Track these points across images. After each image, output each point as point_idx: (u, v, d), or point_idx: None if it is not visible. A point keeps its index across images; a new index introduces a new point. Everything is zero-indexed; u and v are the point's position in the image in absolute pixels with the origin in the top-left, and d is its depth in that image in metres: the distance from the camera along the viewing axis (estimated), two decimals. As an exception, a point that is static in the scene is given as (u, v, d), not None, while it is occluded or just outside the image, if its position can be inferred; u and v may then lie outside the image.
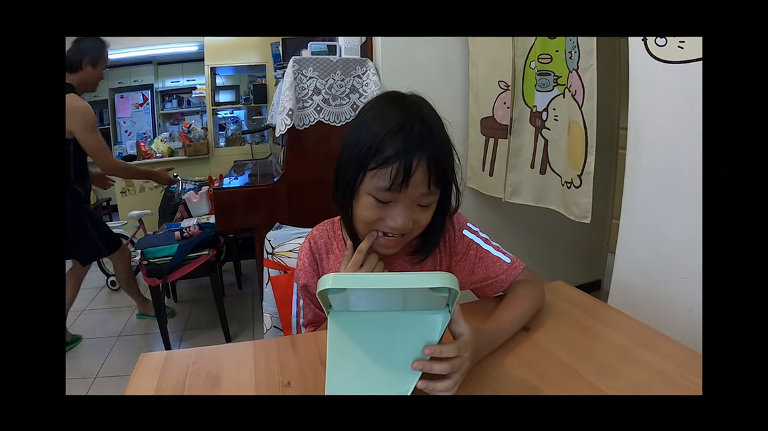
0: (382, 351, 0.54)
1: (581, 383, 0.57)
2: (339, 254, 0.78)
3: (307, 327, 0.85)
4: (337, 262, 0.77)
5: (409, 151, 0.59)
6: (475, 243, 0.79)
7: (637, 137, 1.08)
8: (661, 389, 0.55)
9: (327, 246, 0.79)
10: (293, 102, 1.78)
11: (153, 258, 2.11)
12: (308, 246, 0.80)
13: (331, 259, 0.78)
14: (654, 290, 1.06)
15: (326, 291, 0.49)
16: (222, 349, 0.72)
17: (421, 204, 0.64)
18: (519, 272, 0.76)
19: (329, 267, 0.78)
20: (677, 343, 0.64)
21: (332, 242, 0.79)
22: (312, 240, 0.80)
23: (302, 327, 0.86)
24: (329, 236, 0.80)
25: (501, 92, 1.75)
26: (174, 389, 0.60)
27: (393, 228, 0.64)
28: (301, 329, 0.87)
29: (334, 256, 0.78)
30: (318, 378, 0.60)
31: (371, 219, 0.65)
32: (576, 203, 1.42)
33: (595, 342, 0.68)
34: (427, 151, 0.61)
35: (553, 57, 1.49)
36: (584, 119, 1.34)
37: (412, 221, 0.64)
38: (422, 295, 0.51)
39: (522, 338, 0.68)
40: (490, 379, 0.59)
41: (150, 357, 0.68)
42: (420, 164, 0.60)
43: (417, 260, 0.75)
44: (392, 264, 0.77)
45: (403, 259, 0.77)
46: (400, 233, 0.65)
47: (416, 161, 0.60)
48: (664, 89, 0.99)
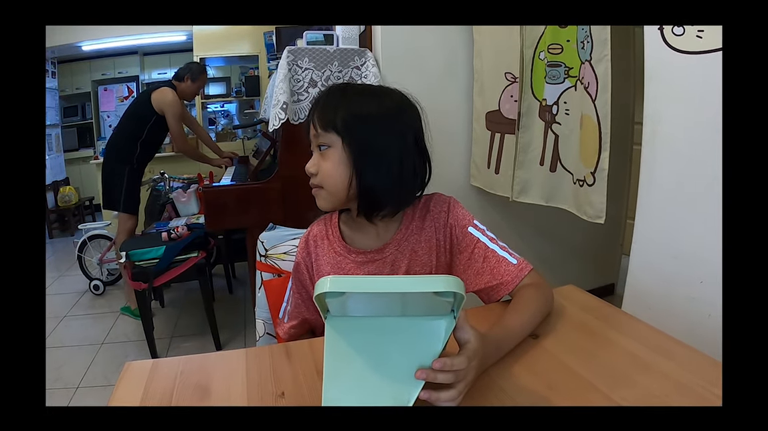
0: (382, 359, 0.54)
1: (593, 393, 0.57)
2: (333, 239, 0.83)
3: (288, 322, 0.88)
4: (331, 248, 0.82)
5: (317, 101, 0.75)
6: (481, 242, 0.80)
7: (653, 131, 1.08)
8: (679, 400, 0.55)
9: (322, 233, 0.85)
10: (288, 95, 1.78)
11: (139, 261, 2.11)
12: (305, 238, 0.87)
13: (325, 244, 0.83)
14: (671, 295, 1.06)
15: (324, 295, 0.49)
16: (212, 358, 0.72)
17: (321, 147, 0.74)
18: (526, 274, 0.77)
19: (322, 253, 0.83)
20: (696, 351, 0.64)
21: (328, 230, 0.85)
22: (309, 232, 0.87)
23: (285, 318, 0.89)
24: (325, 224, 0.86)
25: (508, 85, 1.75)
26: (161, 400, 0.60)
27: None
28: (282, 322, 0.90)
29: (328, 241, 0.83)
30: (314, 388, 0.60)
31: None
32: (589, 203, 1.42)
33: (608, 350, 0.68)
34: (319, 101, 0.74)
35: (564, 47, 1.49)
36: (598, 112, 1.34)
37: (317, 168, 0.75)
38: (426, 300, 0.50)
39: (530, 345, 0.68)
40: (496, 389, 0.59)
41: (135, 366, 0.68)
42: (316, 109, 0.74)
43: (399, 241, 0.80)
44: (385, 252, 0.80)
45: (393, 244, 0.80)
46: (312, 181, 0.76)
47: (313, 111, 0.74)
48: (682, 82, 0.99)
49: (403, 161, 0.73)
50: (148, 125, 2.58)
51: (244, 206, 1.95)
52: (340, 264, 0.81)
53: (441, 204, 0.83)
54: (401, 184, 0.74)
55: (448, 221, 0.81)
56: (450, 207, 0.82)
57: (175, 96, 2.58)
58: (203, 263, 2.20)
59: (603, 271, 2.45)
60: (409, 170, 0.74)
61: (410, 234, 0.81)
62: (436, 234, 0.81)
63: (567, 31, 1.46)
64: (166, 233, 2.20)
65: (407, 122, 0.75)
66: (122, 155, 2.61)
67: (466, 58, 1.93)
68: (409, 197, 0.78)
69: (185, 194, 2.78)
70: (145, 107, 2.55)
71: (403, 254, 0.80)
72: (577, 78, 1.45)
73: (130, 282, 2.10)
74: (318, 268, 0.84)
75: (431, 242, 0.81)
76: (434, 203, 0.83)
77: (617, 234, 2.40)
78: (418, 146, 0.75)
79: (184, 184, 3.00)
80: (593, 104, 1.35)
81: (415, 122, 0.76)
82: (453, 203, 0.83)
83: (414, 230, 0.81)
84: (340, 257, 0.81)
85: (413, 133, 0.75)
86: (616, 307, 0.80)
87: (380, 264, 0.80)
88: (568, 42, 1.47)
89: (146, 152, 2.67)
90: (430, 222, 0.81)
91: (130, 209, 2.66)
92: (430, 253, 0.81)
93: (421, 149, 0.76)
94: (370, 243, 0.81)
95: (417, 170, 0.76)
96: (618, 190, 2.13)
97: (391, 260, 0.80)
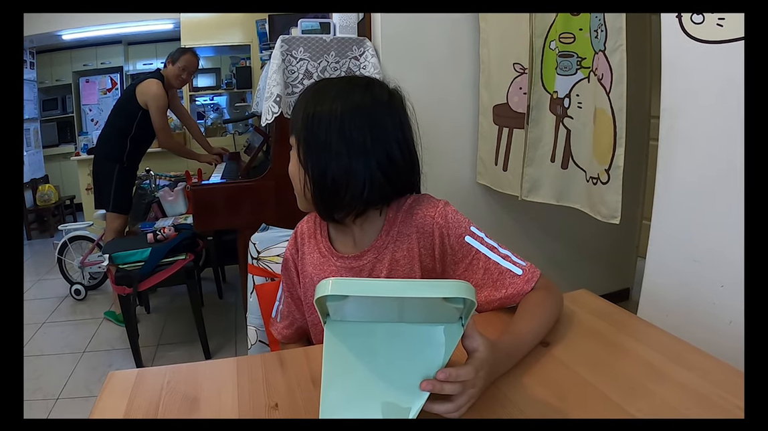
0: (385, 368, 0.53)
1: (607, 405, 0.57)
2: (320, 238, 0.84)
3: (281, 322, 0.91)
4: (317, 248, 0.83)
5: None
6: (480, 253, 0.77)
7: (671, 126, 1.08)
8: (698, 412, 0.55)
9: (311, 230, 0.86)
10: (281, 87, 1.78)
11: (123, 264, 2.11)
12: (295, 232, 0.88)
13: (312, 242, 0.84)
14: (690, 300, 1.06)
15: (325, 298, 0.49)
16: (201, 367, 0.72)
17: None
18: (533, 285, 0.75)
19: (308, 251, 0.84)
20: (716, 359, 0.64)
21: (317, 227, 0.85)
22: (299, 226, 0.89)
23: (277, 317, 0.92)
24: (315, 221, 0.86)
25: (516, 76, 1.75)
26: (146, 412, 0.60)
27: None
28: (275, 321, 0.92)
29: (315, 240, 0.84)
30: (309, 399, 0.60)
31: None
32: (603, 202, 1.42)
33: (622, 359, 0.68)
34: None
35: (576, 36, 1.49)
36: (612, 106, 1.34)
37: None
38: (434, 306, 0.50)
39: (540, 354, 0.68)
40: (504, 400, 0.59)
41: (119, 376, 0.68)
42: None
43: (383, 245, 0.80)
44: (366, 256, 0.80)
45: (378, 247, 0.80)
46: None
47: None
48: (701, 73, 0.99)
49: (354, 159, 0.71)
50: (136, 121, 2.59)
51: (235, 205, 1.95)
52: (322, 266, 0.81)
53: (427, 208, 0.78)
54: (350, 182, 0.72)
55: (434, 228, 0.77)
56: (440, 213, 0.78)
57: (160, 88, 2.56)
58: (191, 266, 2.20)
59: (617, 275, 2.45)
60: (363, 169, 0.72)
61: (390, 241, 0.78)
62: (419, 242, 0.78)
63: (579, 19, 1.47)
64: (151, 234, 2.21)
65: (373, 119, 0.72)
66: (111, 153, 2.62)
67: (472, 48, 1.93)
68: (372, 198, 0.74)
69: (172, 193, 2.78)
70: (131, 102, 2.56)
71: (382, 262, 0.78)
72: (590, 69, 1.45)
73: (114, 286, 2.10)
74: (303, 267, 0.84)
75: (413, 250, 0.78)
76: (420, 207, 0.79)
77: (633, 236, 2.40)
78: (393, 144, 0.73)
79: (171, 182, 3.00)
80: (607, 97, 1.35)
81: (384, 119, 0.73)
82: (444, 208, 0.78)
83: (395, 236, 0.78)
84: (324, 259, 0.81)
85: (382, 130, 0.72)
86: (631, 313, 0.80)
87: (358, 271, 0.79)
88: (580, 31, 1.47)
89: (137, 148, 2.68)
90: (413, 229, 0.78)
91: (119, 209, 2.67)
92: (412, 262, 0.78)
93: (401, 148, 0.74)
94: (350, 248, 0.81)
95: (385, 169, 0.73)
96: (634, 188, 2.14)
97: (369, 267, 0.78)
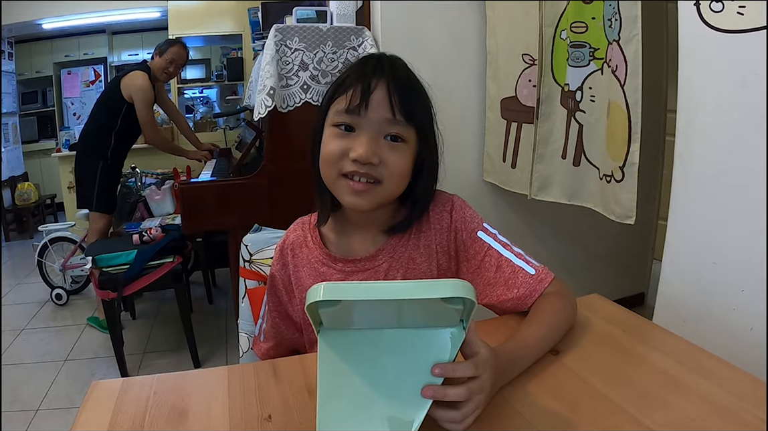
0: (383, 377, 0.54)
1: (621, 417, 0.57)
2: (313, 246, 0.81)
3: (264, 342, 0.89)
4: (312, 257, 0.81)
5: (367, 74, 0.69)
6: (493, 249, 0.79)
7: (689, 121, 1.08)
8: (718, 424, 0.55)
9: (300, 240, 0.84)
10: (275, 79, 1.78)
11: (107, 267, 2.11)
12: (280, 246, 0.85)
13: (305, 252, 0.82)
14: (708, 305, 1.06)
15: (316, 305, 0.49)
16: (189, 376, 0.72)
17: (390, 135, 0.70)
18: (547, 285, 0.76)
19: (301, 264, 0.82)
20: (736, 369, 0.64)
21: (307, 235, 0.83)
22: (285, 239, 0.86)
23: (261, 337, 0.90)
24: (303, 229, 0.85)
25: (526, 68, 1.75)
26: (132, 424, 0.60)
27: (356, 160, 0.68)
28: (258, 340, 0.90)
29: (308, 249, 0.82)
30: (305, 411, 0.60)
31: (333, 152, 0.70)
32: (617, 201, 1.43)
33: (637, 368, 0.68)
34: (388, 76, 0.69)
35: (588, 25, 1.49)
36: (627, 99, 1.34)
37: (379, 158, 0.69)
38: (432, 308, 0.50)
39: (550, 362, 0.68)
40: (511, 412, 0.59)
41: (103, 386, 0.68)
42: (379, 85, 0.68)
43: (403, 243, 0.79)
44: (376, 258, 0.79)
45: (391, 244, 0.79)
46: (366, 170, 0.68)
47: (375, 82, 0.68)
48: (721, 64, 0.99)
49: (439, 161, 0.77)
50: (121, 115, 2.59)
51: (226, 204, 1.95)
52: (323, 275, 0.80)
53: (443, 204, 0.81)
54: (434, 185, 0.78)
55: (452, 224, 0.80)
56: (454, 207, 0.81)
57: (146, 80, 2.57)
58: (179, 269, 2.21)
59: (632, 278, 2.46)
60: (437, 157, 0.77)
61: (407, 239, 0.80)
62: (437, 239, 0.80)
63: (592, 7, 1.47)
64: (137, 236, 2.21)
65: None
66: (95, 149, 2.62)
67: (478, 37, 1.93)
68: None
69: (159, 192, 2.79)
70: (116, 96, 2.56)
71: (399, 262, 0.79)
72: (603, 60, 1.45)
73: (97, 291, 2.11)
74: (298, 281, 0.82)
75: (430, 248, 0.80)
76: (435, 203, 0.81)
77: (648, 237, 2.40)
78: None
79: (157, 180, 3.00)
80: (622, 90, 1.35)
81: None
82: (458, 203, 0.82)
83: (412, 235, 0.80)
84: (324, 268, 0.80)
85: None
86: (646, 319, 0.80)
87: (372, 274, 0.79)
88: (593, 20, 1.47)
89: (122, 145, 2.67)
90: (429, 225, 0.80)
91: (103, 209, 2.67)
92: (430, 261, 0.80)
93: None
94: (361, 250, 0.80)
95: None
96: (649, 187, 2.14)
97: (384, 268, 0.79)
